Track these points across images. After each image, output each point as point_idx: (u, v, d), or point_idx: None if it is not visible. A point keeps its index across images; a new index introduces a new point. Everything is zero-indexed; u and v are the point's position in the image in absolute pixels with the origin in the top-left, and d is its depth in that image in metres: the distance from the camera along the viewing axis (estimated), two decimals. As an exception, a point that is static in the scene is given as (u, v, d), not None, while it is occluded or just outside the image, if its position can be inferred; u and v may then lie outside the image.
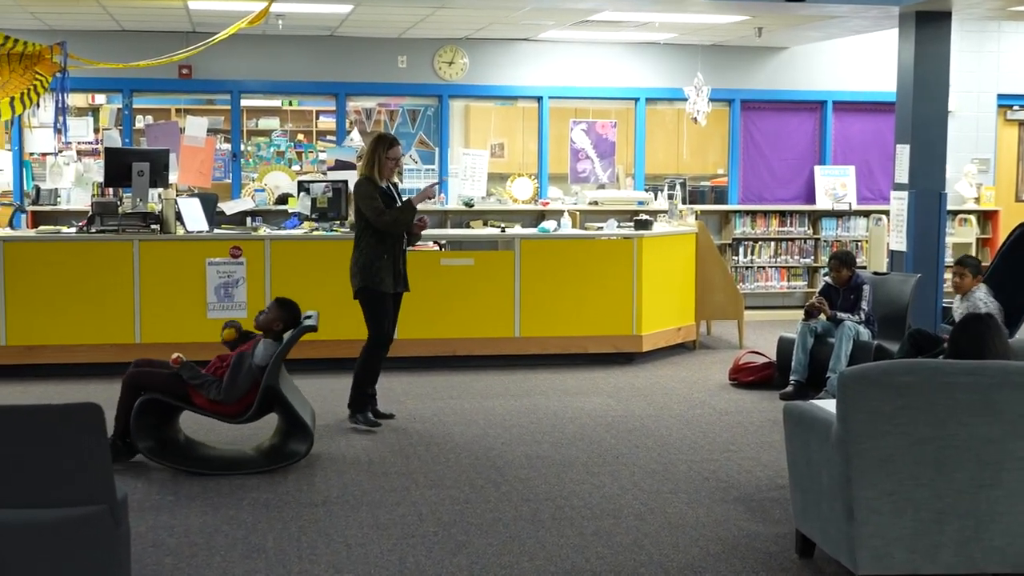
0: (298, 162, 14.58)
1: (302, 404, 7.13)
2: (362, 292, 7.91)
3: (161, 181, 10.01)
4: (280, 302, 7.13)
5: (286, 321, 7.06)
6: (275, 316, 7.06)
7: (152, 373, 6.90)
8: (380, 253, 7.87)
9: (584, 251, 10.42)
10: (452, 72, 13.69)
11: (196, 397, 6.85)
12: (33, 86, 9.79)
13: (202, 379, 6.84)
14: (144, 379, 6.87)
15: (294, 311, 7.12)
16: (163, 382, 6.86)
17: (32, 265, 9.57)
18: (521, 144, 14.49)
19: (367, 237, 7.88)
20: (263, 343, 6.93)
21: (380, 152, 7.87)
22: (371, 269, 7.86)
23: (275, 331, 7.02)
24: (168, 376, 6.87)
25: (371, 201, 7.79)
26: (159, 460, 6.77)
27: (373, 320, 7.98)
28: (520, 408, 8.59)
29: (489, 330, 10.16)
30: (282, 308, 7.09)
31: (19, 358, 9.57)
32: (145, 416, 6.79)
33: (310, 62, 13.48)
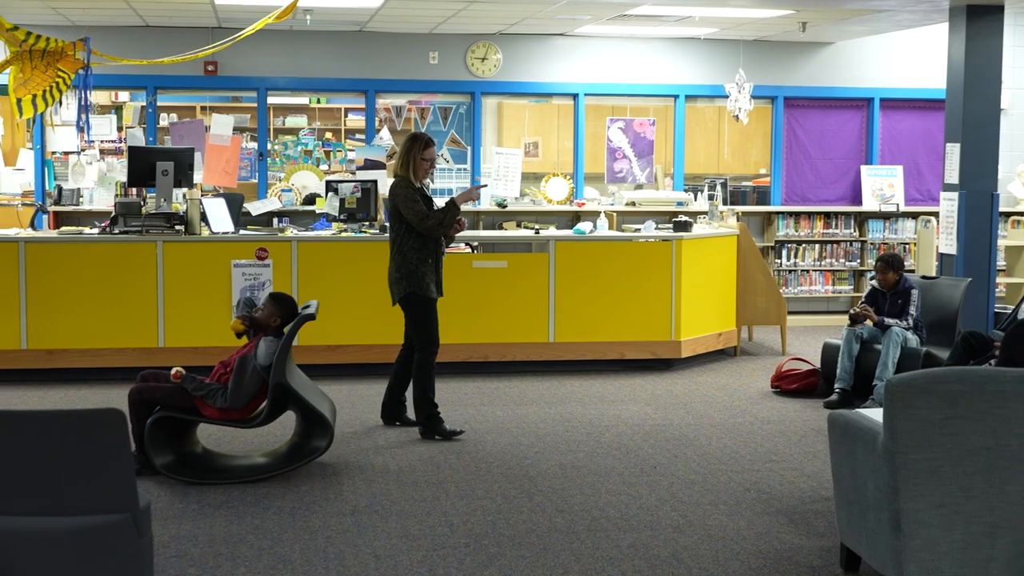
0: (326, 161, 14.62)
1: (318, 397, 7.12)
2: (409, 299, 7.86)
3: (186, 181, 10.06)
4: (274, 297, 7.12)
5: (283, 316, 7.04)
6: (270, 312, 7.02)
7: (156, 388, 6.87)
8: (424, 257, 7.85)
9: (621, 254, 10.41)
10: (485, 68, 13.71)
11: (204, 408, 6.84)
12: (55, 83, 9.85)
13: (206, 389, 6.84)
14: (149, 394, 6.84)
15: (289, 305, 7.10)
16: (168, 396, 6.83)
17: (54, 267, 9.64)
18: (556, 143, 14.48)
19: (410, 241, 7.83)
20: (264, 341, 6.92)
21: (415, 152, 7.85)
22: (417, 274, 7.82)
23: (274, 327, 7.01)
24: (172, 389, 6.84)
25: (413, 204, 7.74)
26: (179, 476, 6.75)
27: (424, 327, 7.93)
28: (554, 416, 8.58)
29: (522, 335, 10.17)
30: (276, 303, 7.06)
31: (40, 362, 9.64)
32: (159, 432, 6.79)
33: (339, 58, 13.52)
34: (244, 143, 13.59)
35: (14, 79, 9.84)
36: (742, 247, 11.21)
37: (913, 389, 4.69)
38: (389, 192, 7.92)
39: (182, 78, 13.29)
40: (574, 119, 14.02)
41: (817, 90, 14.23)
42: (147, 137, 13.22)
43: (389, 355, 9.82)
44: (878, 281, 9.36)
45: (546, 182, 13.46)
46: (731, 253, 11.10)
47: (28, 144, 13.47)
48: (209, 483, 6.76)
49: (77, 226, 11.03)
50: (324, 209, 10.76)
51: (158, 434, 6.78)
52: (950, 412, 4.66)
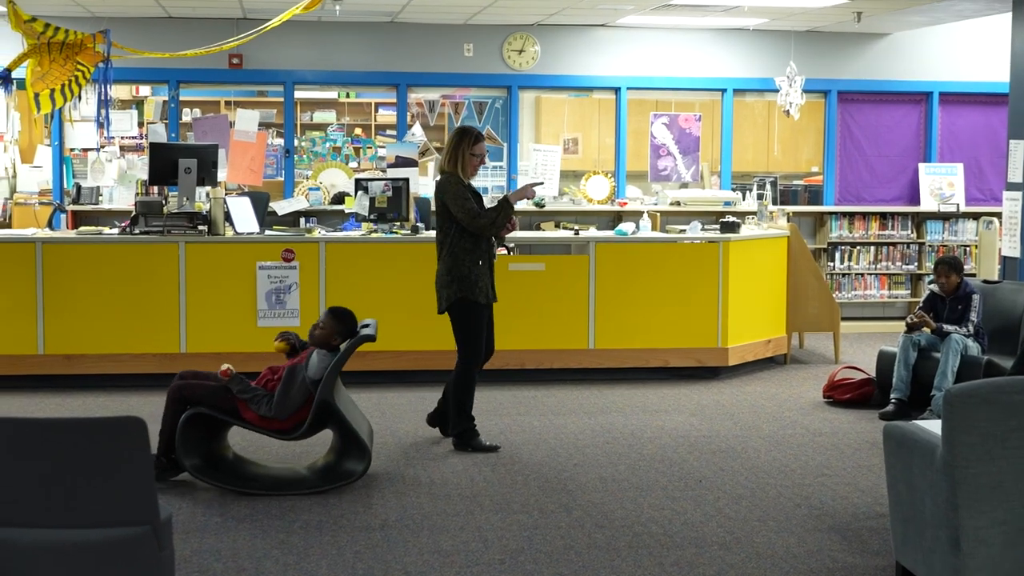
0: (355, 158, 14.67)
1: (359, 420, 7.16)
2: (458, 304, 7.79)
3: (209, 179, 10.12)
4: (335, 313, 7.12)
5: (343, 334, 7.08)
6: (331, 330, 7.06)
7: (199, 385, 6.95)
8: (476, 259, 7.79)
9: (665, 256, 10.40)
10: (522, 61, 13.72)
11: (245, 412, 6.89)
12: (74, 77, 9.93)
13: (252, 393, 6.89)
14: (190, 392, 6.92)
15: (350, 322, 7.12)
16: (210, 395, 6.91)
17: (72, 268, 9.70)
18: (597, 139, 14.47)
19: (461, 242, 7.76)
20: (317, 354, 6.96)
21: (465, 147, 7.81)
22: (470, 278, 7.75)
23: (332, 345, 7.05)
24: (216, 389, 6.92)
25: (464, 202, 7.69)
26: (205, 479, 6.83)
27: (471, 335, 7.88)
28: (594, 426, 8.58)
29: (561, 341, 10.16)
30: (337, 320, 7.09)
31: (57, 368, 9.71)
32: (191, 431, 6.85)
33: (369, 51, 13.57)
34: (270, 139, 13.66)
35: (32, 73, 9.92)
36: (793, 249, 11.17)
37: (974, 399, 4.66)
38: (436, 189, 7.87)
39: (206, 72, 13.37)
40: (616, 114, 14.02)
41: (873, 83, 14.18)
42: (169, 133, 13.30)
43: (421, 362, 9.90)
44: (938, 285, 9.29)
45: (586, 180, 13.46)
46: (781, 256, 11.07)
47: (46, 140, 13.58)
48: (235, 491, 6.80)
49: (96, 226, 11.10)
50: (353, 209, 10.80)
51: (190, 433, 6.84)
52: (1013, 424, 4.63)
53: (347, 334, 7.07)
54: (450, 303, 7.79)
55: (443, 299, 7.83)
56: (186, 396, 6.91)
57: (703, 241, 10.57)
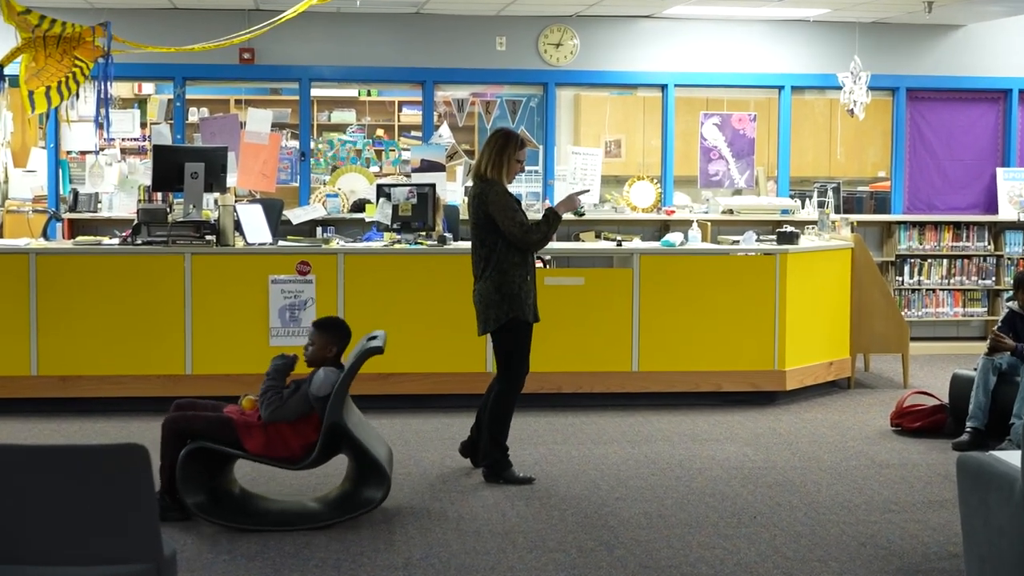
0: (377, 162, 14.72)
1: (375, 442, 7.15)
2: (509, 325, 7.81)
3: (218, 184, 10.16)
4: (320, 326, 7.14)
5: (338, 344, 7.07)
6: (321, 343, 7.05)
7: (196, 417, 6.92)
8: (525, 275, 7.82)
9: (716, 269, 10.38)
10: (560, 56, 13.74)
11: (248, 442, 6.86)
12: (72, 74, 10.00)
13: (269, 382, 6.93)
14: (187, 424, 6.88)
15: (341, 331, 7.12)
16: (210, 427, 6.88)
17: (68, 282, 9.75)
18: (641, 141, 14.48)
19: (510, 256, 7.77)
20: (324, 370, 6.93)
21: (511, 152, 7.81)
22: (520, 296, 7.77)
23: (330, 359, 7.03)
24: (215, 420, 6.90)
25: (513, 214, 7.70)
26: (211, 518, 6.80)
27: (518, 357, 7.91)
28: (638, 457, 8.57)
29: (602, 363, 10.16)
30: (325, 332, 7.08)
31: (51, 390, 9.76)
32: (193, 467, 6.83)
33: (392, 45, 13.61)
34: (284, 141, 13.71)
35: (26, 69, 9.99)
36: (857, 262, 11.14)
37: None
38: (475, 198, 7.83)
39: (214, 67, 13.44)
40: (662, 114, 14.02)
41: (945, 80, 14.14)
42: (174, 135, 13.37)
43: (449, 385, 9.90)
44: (1018, 302, 9.25)
45: (630, 186, 13.46)
46: (844, 269, 11.04)
47: (40, 143, 13.67)
48: (244, 528, 6.80)
49: (95, 236, 11.16)
50: (375, 217, 10.83)
51: (191, 469, 6.83)
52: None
53: (343, 343, 7.08)
54: (500, 323, 7.80)
55: (491, 319, 7.82)
56: (183, 429, 6.89)
57: (758, 253, 10.55)
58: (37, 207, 12.93)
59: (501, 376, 7.94)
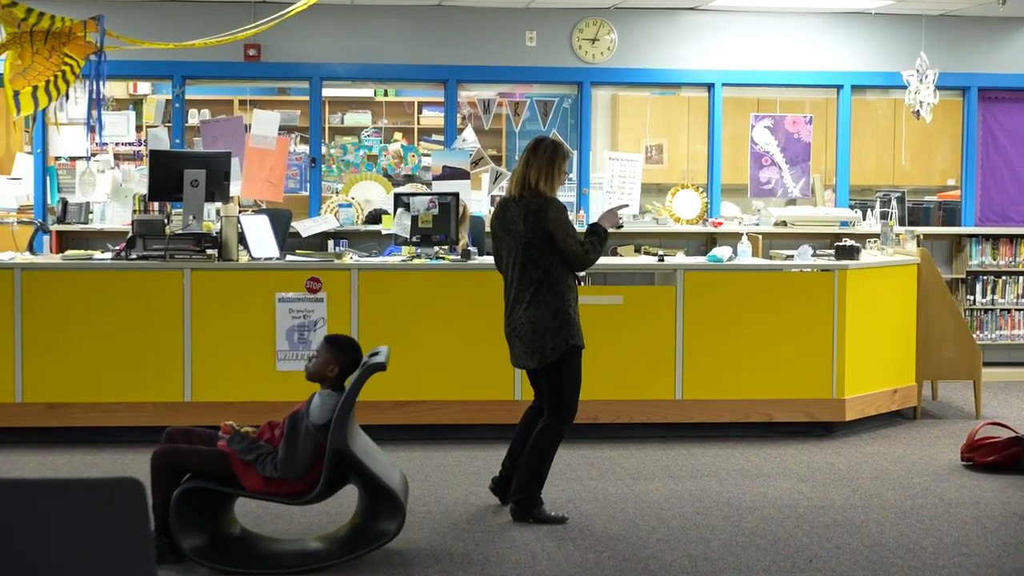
0: (395, 169, 14.76)
1: (386, 469, 7.12)
2: (568, 353, 7.86)
3: (220, 193, 10.20)
4: (331, 341, 7.13)
5: (343, 365, 7.06)
6: (325, 359, 7.04)
7: (187, 450, 6.87)
8: (575, 297, 7.95)
9: (768, 287, 10.37)
10: (596, 52, 13.76)
11: (246, 478, 6.82)
12: (61, 72, 10.05)
13: (257, 451, 6.83)
14: (177, 458, 6.83)
15: (353, 350, 7.11)
16: (203, 461, 6.83)
17: (56, 300, 9.79)
18: (685, 146, 14.49)
19: (564, 278, 7.86)
20: (319, 396, 6.90)
21: (560, 163, 7.93)
22: (574, 321, 7.85)
23: (331, 379, 7.02)
24: (209, 453, 6.86)
25: (573, 232, 7.83)
26: (210, 563, 6.76)
27: (574, 386, 7.97)
28: (682, 494, 8.56)
29: (642, 390, 10.15)
30: (334, 348, 7.07)
31: (38, 419, 9.78)
32: (188, 506, 6.79)
33: (411, 40, 13.64)
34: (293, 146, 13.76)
35: (11, 67, 10.05)
36: (924, 280, 11.11)
37: None
38: (532, 215, 7.80)
39: (216, 65, 13.49)
40: (709, 116, 14.02)
41: (1021, 79, 14.10)
42: (173, 139, 13.43)
43: (472, 414, 9.91)
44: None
45: (673, 196, 13.47)
46: (910, 287, 11.01)
47: (26, 148, 13.74)
48: (247, 573, 6.80)
49: (85, 249, 11.20)
50: (392, 229, 10.85)
51: (187, 509, 6.80)
52: None
53: (349, 366, 7.06)
54: (559, 353, 7.82)
55: (548, 349, 7.82)
56: (174, 464, 6.84)
57: (814, 269, 10.54)
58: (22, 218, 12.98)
59: (553, 408, 7.94)
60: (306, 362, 7.13)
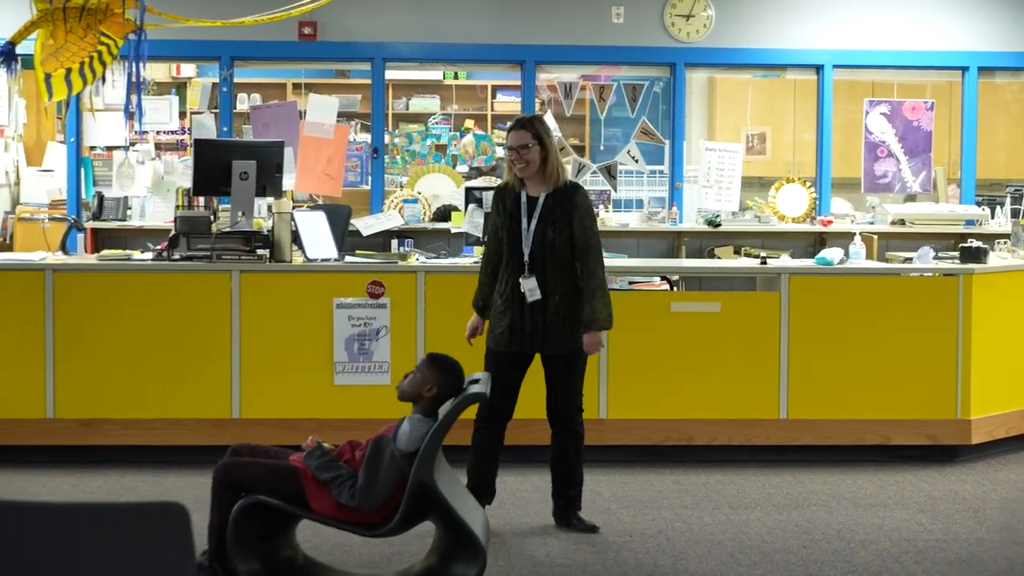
0: (465, 160, 14.79)
1: (469, 509, 7.13)
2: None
3: (272, 187, 10.24)
4: (434, 360, 7.11)
5: (442, 387, 7.06)
6: (424, 379, 7.04)
7: (254, 464, 6.91)
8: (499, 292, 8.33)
9: (884, 293, 10.31)
10: (690, 29, 13.74)
11: (316, 499, 6.85)
12: (97, 53, 10.11)
13: (336, 472, 6.85)
14: (243, 472, 6.87)
15: (455, 373, 7.11)
16: (270, 476, 6.86)
17: (91, 305, 9.85)
18: (791, 135, 14.46)
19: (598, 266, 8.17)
20: (409, 421, 6.92)
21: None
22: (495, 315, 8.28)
23: (426, 400, 7.03)
24: (276, 468, 6.89)
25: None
26: (268, 592, 6.84)
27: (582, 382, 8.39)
28: (787, 525, 8.53)
29: (742, 409, 10.12)
30: (436, 369, 7.07)
31: (71, 437, 9.85)
32: (248, 526, 6.82)
33: (484, 16, 13.66)
34: (352, 135, 13.81)
35: (42, 48, 10.11)
36: (1061, 285, 11.04)
37: None
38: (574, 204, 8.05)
39: (268, 44, 13.55)
40: (818, 101, 13.98)
41: None
42: (220, 127, 13.51)
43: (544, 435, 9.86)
44: None
45: (777, 191, 13.43)
46: (1045, 294, 10.94)
47: (59, 136, 13.87)
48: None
49: (123, 249, 11.28)
50: (462, 228, 10.88)
51: (245, 529, 6.82)
52: None
53: (449, 390, 7.06)
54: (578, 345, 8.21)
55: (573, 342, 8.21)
56: (238, 478, 6.88)
57: (936, 274, 10.48)
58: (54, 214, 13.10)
59: (575, 409, 8.36)
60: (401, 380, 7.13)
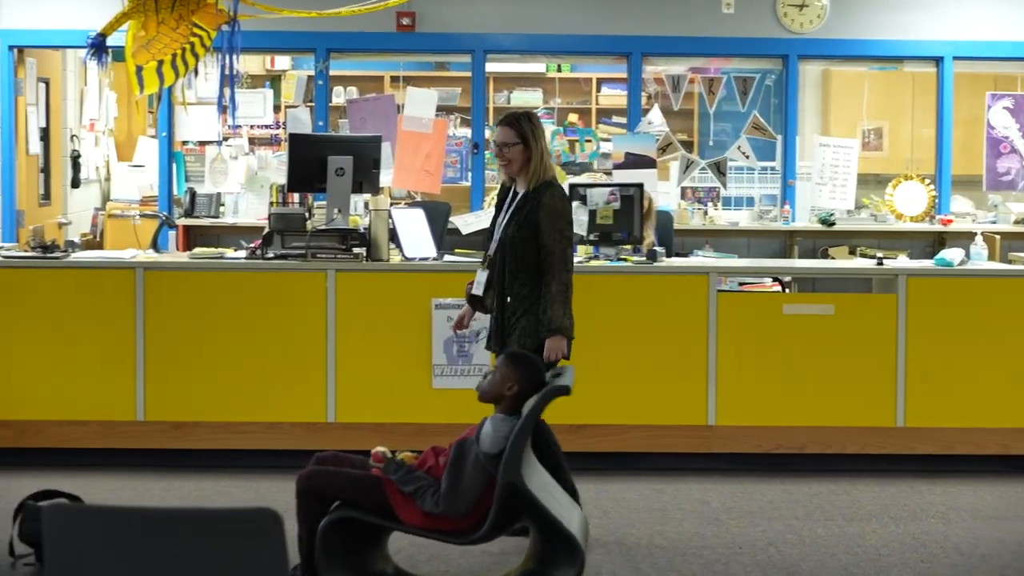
0: (569, 156, 14.77)
1: (564, 507, 7.09)
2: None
3: (368, 184, 10.26)
4: (513, 358, 7.10)
5: (523, 384, 7.03)
6: (504, 377, 7.00)
7: (337, 475, 6.91)
8: None
9: (1007, 296, 10.20)
10: (804, 20, 13.66)
11: (404, 509, 6.84)
12: (190, 44, 10.18)
13: (417, 483, 6.84)
14: (326, 482, 6.88)
15: (535, 369, 7.07)
16: (353, 487, 6.86)
17: (182, 305, 9.92)
18: (909, 130, 14.36)
19: None
20: (491, 421, 6.87)
21: None
22: None
23: (508, 399, 6.99)
24: (361, 478, 6.90)
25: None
26: (360, 605, 6.85)
27: None
28: (904, 538, 8.47)
29: (856, 416, 10.04)
30: (515, 366, 7.03)
31: (162, 440, 9.92)
32: (337, 537, 6.85)
33: (589, 7, 13.65)
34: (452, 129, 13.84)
35: (133, 39, 10.19)
36: None
37: None
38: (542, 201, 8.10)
39: (365, 36, 13.59)
40: (938, 95, 13.87)
41: None
42: (315, 121, 13.56)
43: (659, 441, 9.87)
44: None
45: (894, 188, 13.34)
46: None
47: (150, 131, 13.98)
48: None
49: (216, 247, 11.35)
50: (566, 226, 10.86)
51: (333, 541, 6.83)
52: None
53: (530, 386, 7.01)
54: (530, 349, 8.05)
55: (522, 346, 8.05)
56: (322, 488, 6.88)
57: (1063, 275, 10.38)
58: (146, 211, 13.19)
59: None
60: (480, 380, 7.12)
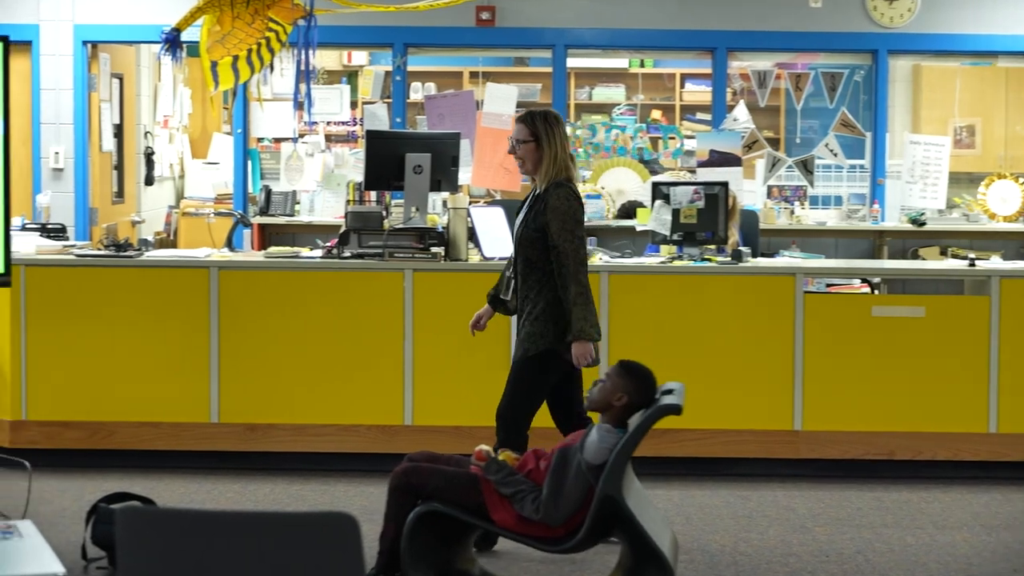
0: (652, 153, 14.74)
1: (657, 525, 7.07)
2: None
3: (447, 181, 10.26)
4: (626, 368, 7.05)
5: (633, 397, 7.01)
6: (615, 387, 6.98)
7: (433, 471, 6.95)
8: None
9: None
10: (894, 14, 13.58)
11: (498, 510, 6.85)
12: (265, 40, 10.20)
13: (516, 487, 6.83)
14: (421, 479, 6.90)
15: (647, 382, 7.04)
16: (449, 485, 6.88)
17: (257, 305, 9.94)
18: (1003, 127, 14.25)
19: None
20: (597, 431, 6.88)
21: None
22: None
23: (616, 409, 6.98)
24: (456, 476, 6.91)
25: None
26: (442, 606, 6.85)
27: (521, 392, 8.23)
28: (996, 547, 8.39)
29: (949, 421, 9.96)
30: (628, 377, 7.01)
31: (237, 443, 9.94)
32: (424, 535, 6.85)
33: (672, 1, 13.61)
34: (532, 126, 13.81)
35: (208, 34, 10.21)
36: None
37: None
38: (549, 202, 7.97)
39: (444, 31, 13.59)
40: (1032, 90, 13.77)
41: None
42: (393, 117, 13.58)
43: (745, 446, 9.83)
44: None
45: (987, 187, 13.25)
46: None
47: (225, 127, 14.03)
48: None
49: (291, 245, 11.37)
50: (648, 225, 10.83)
51: (421, 537, 6.85)
52: None
53: (640, 400, 6.99)
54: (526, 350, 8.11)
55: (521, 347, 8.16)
56: (415, 485, 6.91)
57: None
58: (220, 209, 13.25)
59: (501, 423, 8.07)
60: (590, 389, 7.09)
